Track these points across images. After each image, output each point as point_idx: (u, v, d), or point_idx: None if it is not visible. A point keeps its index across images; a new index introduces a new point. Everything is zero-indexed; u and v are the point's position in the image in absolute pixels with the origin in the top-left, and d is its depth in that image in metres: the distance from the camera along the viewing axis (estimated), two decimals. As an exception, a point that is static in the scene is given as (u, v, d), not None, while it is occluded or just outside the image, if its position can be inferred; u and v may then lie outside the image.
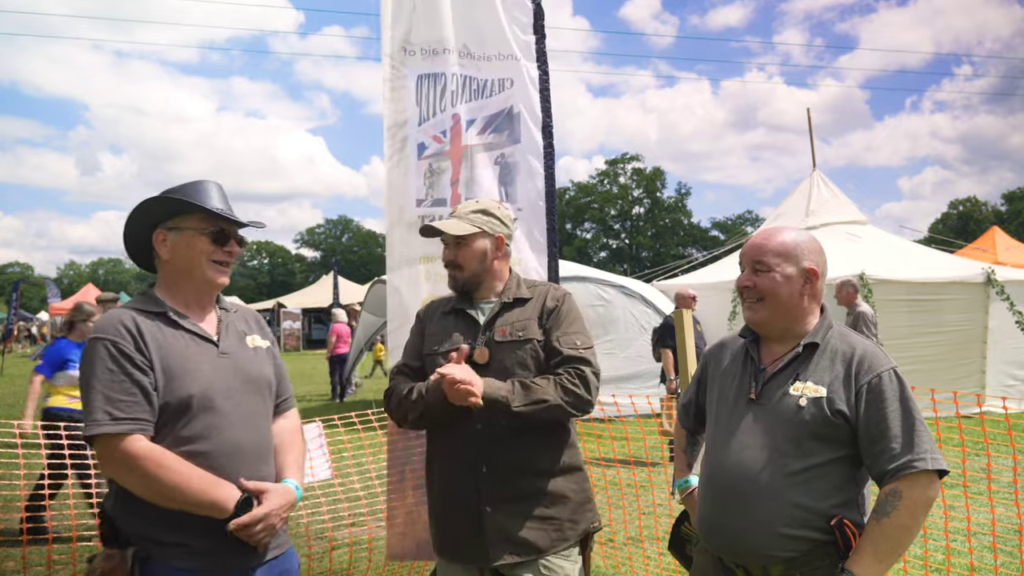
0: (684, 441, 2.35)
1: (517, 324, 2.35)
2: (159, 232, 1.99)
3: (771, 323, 2.00)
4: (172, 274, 2.02)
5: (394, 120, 3.63)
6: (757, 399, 1.95)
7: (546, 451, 2.30)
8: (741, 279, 2.02)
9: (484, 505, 2.22)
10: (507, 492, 2.23)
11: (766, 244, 1.99)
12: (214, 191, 2.04)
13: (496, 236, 2.44)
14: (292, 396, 2.27)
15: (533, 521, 2.23)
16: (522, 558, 2.21)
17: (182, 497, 1.82)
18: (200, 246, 1.99)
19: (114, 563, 1.82)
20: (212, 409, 1.91)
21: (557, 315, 2.37)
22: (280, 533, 2.02)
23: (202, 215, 1.99)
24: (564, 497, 2.29)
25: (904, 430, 1.79)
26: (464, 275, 2.40)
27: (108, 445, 1.82)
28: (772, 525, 1.83)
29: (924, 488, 1.77)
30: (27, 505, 4.92)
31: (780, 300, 1.96)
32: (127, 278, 76.52)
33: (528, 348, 2.32)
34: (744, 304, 2.04)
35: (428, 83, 3.66)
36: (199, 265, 1.99)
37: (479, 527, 2.22)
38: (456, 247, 2.39)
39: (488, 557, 2.21)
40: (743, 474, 1.89)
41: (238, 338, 2.08)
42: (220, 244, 2.01)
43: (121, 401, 1.82)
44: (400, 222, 3.61)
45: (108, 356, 1.84)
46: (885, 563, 1.78)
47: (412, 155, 3.66)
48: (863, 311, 7.88)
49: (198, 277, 2.01)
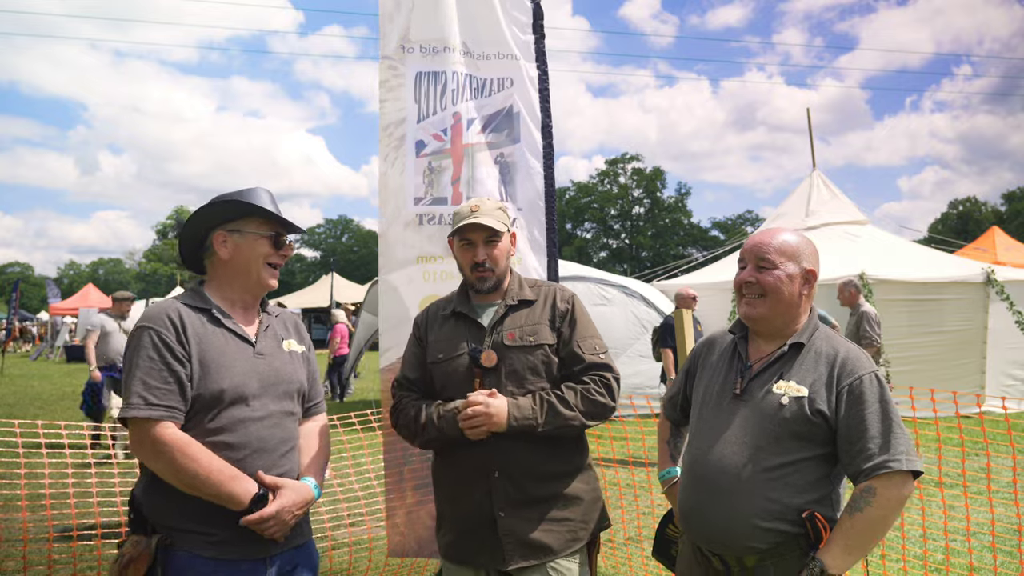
0: (668, 432, 2.38)
1: (527, 328, 2.31)
2: (219, 233, 2.11)
3: (768, 320, 2.03)
4: (226, 274, 2.14)
5: (391, 118, 3.59)
6: (741, 395, 2.00)
7: (559, 454, 2.27)
8: (743, 275, 2.05)
9: (498, 511, 2.20)
10: (520, 497, 2.20)
11: (770, 242, 2.02)
12: (267, 197, 2.16)
13: (512, 234, 2.44)
14: (323, 401, 2.34)
15: (547, 523, 2.21)
16: (536, 561, 2.19)
17: (202, 486, 1.91)
18: (260, 248, 2.12)
19: (140, 549, 1.92)
20: (241, 405, 2.02)
21: (573, 319, 2.34)
22: (300, 524, 2.10)
23: (260, 219, 2.13)
24: (577, 498, 2.27)
25: (882, 432, 1.85)
26: (496, 275, 2.36)
27: (140, 428, 1.92)
28: (748, 517, 1.89)
29: (898, 487, 1.83)
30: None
31: (781, 298, 2.00)
32: (127, 278, 76.52)
33: (539, 353, 2.28)
34: (742, 300, 2.06)
35: (428, 80, 3.62)
36: (256, 266, 2.12)
37: (493, 532, 2.20)
38: (488, 245, 2.34)
39: (503, 561, 2.19)
40: (723, 467, 1.94)
41: (276, 341, 2.19)
42: (277, 248, 2.15)
43: (157, 388, 1.93)
44: (396, 221, 3.55)
45: (151, 345, 1.96)
46: (854, 555, 1.84)
47: (410, 152, 3.61)
48: (867, 311, 7.79)
49: (253, 278, 2.13)
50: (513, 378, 2.24)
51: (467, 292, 2.43)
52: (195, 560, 1.92)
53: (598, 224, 64.52)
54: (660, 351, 8.05)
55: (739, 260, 2.10)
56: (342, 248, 72.34)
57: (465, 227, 2.32)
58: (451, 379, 2.31)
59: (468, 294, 2.43)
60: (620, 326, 10.53)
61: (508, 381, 2.25)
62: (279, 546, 2.03)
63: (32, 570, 4.14)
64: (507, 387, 2.25)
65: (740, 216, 63.32)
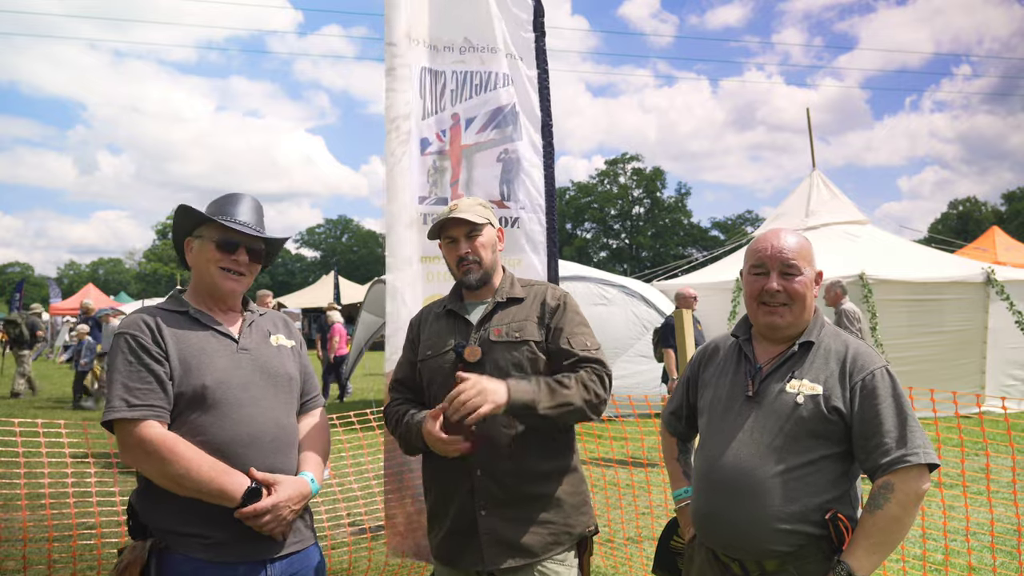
0: (676, 450, 2.33)
1: (513, 324, 2.31)
2: (188, 240, 2.17)
3: (793, 326, 2.00)
4: (194, 278, 2.18)
5: (398, 110, 3.40)
6: (754, 396, 1.97)
7: (544, 454, 2.26)
8: (770, 284, 1.97)
9: (479, 508, 2.20)
10: (502, 495, 2.20)
11: (790, 247, 1.99)
12: (245, 206, 2.18)
13: (498, 229, 2.43)
14: (319, 395, 2.32)
15: (528, 524, 2.20)
16: (517, 562, 2.18)
17: (191, 484, 1.88)
18: (208, 253, 2.12)
19: (136, 554, 1.90)
20: (227, 400, 1.99)
21: (563, 315, 2.33)
22: (301, 528, 2.07)
23: (216, 225, 2.12)
24: (559, 500, 2.26)
25: (897, 426, 1.84)
26: (482, 267, 2.34)
27: (124, 430, 1.90)
28: (768, 520, 1.86)
29: (916, 481, 1.81)
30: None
31: (804, 303, 1.99)
32: (127, 278, 76.50)
33: (524, 349, 2.27)
34: (763, 308, 2.00)
35: (430, 78, 3.54)
36: (207, 270, 2.12)
37: (474, 530, 2.20)
38: (469, 239, 2.33)
39: (483, 561, 2.19)
40: (740, 469, 1.91)
41: (262, 336, 2.18)
42: (227, 252, 2.12)
43: (138, 389, 1.92)
44: (401, 218, 3.41)
45: (128, 349, 1.96)
46: (878, 555, 1.82)
47: (415, 149, 3.48)
48: (845, 308, 8.36)
49: (208, 281, 2.13)
50: (497, 374, 2.21)
51: (460, 291, 2.44)
52: (191, 563, 1.89)
53: (598, 224, 64.52)
54: (662, 351, 8.06)
55: (755, 266, 2.03)
56: (342, 248, 72.33)
57: (445, 223, 2.33)
58: (437, 375, 2.31)
59: (461, 293, 2.44)
60: (620, 326, 10.53)
61: (492, 375, 2.21)
62: (278, 549, 1.99)
63: (32, 570, 4.14)
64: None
65: (740, 216, 63.40)
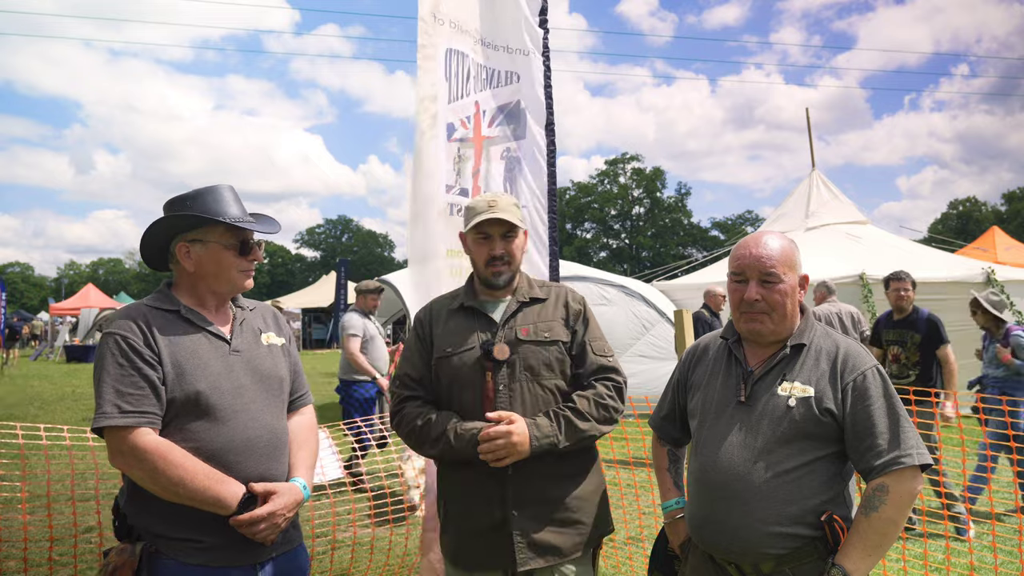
0: (666, 460, 2.32)
1: (541, 324, 2.29)
2: (182, 244, 2.02)
3: (776, 333, 1.99)
4: (193, 278, 2.05)
5: (427, 91, 3.22)
6: (747, 400, 1.97)
7: (572, 453, 2.25)
8: (749, 293, 1.96)
9: (511, 509, 2.18)
10: (534, 496, 2.19)
11: (771, 255, 1.96)
12: (230, 197, 2.06)
13: (524, 232, 2.40)
14: (308, 392, 2.27)
15: (559, 525, 2.19)
16: (548, 562, 2.17)
17: (186, 492, 1.84)
18: (228, 260, 2.03)
19: (125, 557, 1.86)
20: (221, 405, 1.93)
21: (586, 319, 2.36)
22: (289, 529, 2.04)
23: (223, 228, 2.02)
24: (587, 500, 2.27)
25: (889, 427, 1.84)
26: (512, 269, 2.33)
27: (116, 437, 1.84)
28: (764, 523, 1.86)
29: (910, 482, 1.83)
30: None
31: (785, 310, 1.97)
32: (127, 278, 76.49)
33: (554, 349, 2.27)
34: (744, 316, 1.99)
35: (456, 60, 3.37)
36: (228, 275, 2.04)
37: (504, 531, 2.18)
38: (505, 239, 2.30)
39: (515, 562, 2.16)
40: (735, 473, 1.91)
41: (253, 336, 2.11)
42: (245, 255, 2.06)
43: (130, 394, 1.85)
44: (430, 207, 3.19)
45: (118, 351, 1.88)
46: (873, 557, 1.82)
47: (442, 134, 3.27)
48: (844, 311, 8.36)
49: (225, 284, 2.05)
50: (529, 372, 2.22)
51: (474, 288, 2.39)
52: (183, 568, 1.87)
53: (598, 224, 64.53)
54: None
55: (734, 273, 2.01)
56: (342, 248, 72.32)
57: (484, 222, 2.27)
58: (460, 373, 2.25)
59: (476, 290, 2.39)
60: (620, 326, 10.52)
61: (523, 375, 2.22)
62: (269, 552, 1.97)
63: (32, 570, 4.13)
64: (522, 381, 2.23)
65: (740, 216, 63.41)
